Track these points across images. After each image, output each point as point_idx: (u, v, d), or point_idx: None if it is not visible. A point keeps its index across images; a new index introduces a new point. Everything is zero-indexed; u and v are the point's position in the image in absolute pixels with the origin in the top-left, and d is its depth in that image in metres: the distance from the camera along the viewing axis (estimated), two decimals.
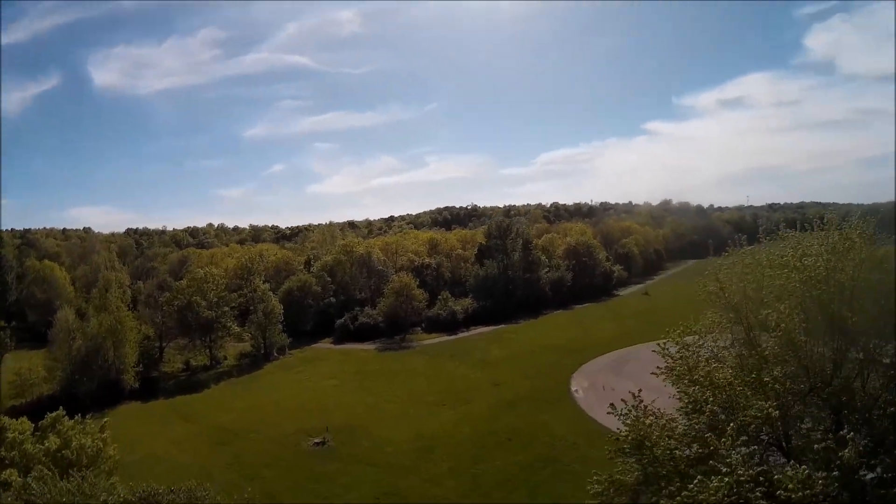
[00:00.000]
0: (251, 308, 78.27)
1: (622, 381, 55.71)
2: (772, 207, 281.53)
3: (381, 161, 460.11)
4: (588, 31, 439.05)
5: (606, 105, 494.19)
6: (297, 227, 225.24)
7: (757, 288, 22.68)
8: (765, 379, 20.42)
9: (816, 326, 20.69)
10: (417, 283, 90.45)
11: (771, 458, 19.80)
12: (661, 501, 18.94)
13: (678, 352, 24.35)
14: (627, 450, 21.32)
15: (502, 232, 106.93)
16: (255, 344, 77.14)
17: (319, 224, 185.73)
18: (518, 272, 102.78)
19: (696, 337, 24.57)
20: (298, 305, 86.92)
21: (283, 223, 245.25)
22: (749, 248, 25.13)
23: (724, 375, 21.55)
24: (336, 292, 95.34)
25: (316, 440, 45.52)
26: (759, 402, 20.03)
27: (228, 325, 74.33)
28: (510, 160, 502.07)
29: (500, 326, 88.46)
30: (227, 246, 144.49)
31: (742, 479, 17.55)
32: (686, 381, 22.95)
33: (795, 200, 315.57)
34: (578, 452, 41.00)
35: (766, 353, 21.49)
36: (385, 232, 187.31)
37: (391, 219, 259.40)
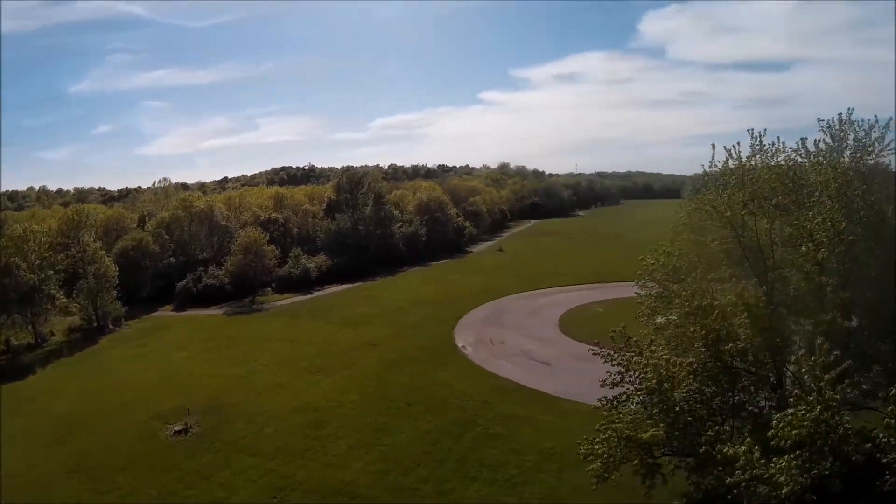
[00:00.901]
0: (80, 272, 63.37)
1: (509, 334, 52.46)
2: (600, 175, 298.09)
3: (214, 122, 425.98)
4: (427, 7, 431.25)
5: (443, 74, 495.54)
6: (127, 188, 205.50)
7: None
8: None
9: None
10: (267, 238, 79.79)
11: None
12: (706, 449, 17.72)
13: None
14: (640, 397, 20.32)
15: (353, 185, 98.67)
16: (86, 315, 62.82)
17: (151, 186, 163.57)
18: (371, 227, 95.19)
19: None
20: (135, 268, 73.06)
21: (112, 186, 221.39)
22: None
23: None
24: (175, 252, 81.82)
25: (176, 427, 34.84)
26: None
27: (53, 293, 58.86)
28: (345, 125, 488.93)
29: (356, 284, 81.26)
30: (50, 209, 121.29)
31: (831, 403, 15.91)
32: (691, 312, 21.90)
33: (622, 170, 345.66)
34: (494, 411, 35.30)
35: None
36: (220, 193, 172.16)
37: (225, 180, 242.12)
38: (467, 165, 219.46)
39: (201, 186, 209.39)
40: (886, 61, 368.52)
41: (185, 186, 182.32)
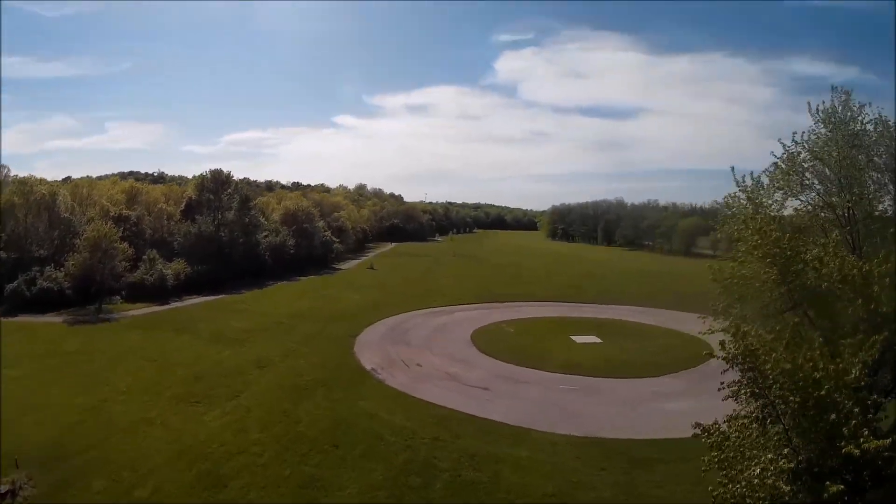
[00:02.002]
0: None
1: (422, 354, 45.75)
2: (450, 204, 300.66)
3: (58, 121, 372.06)
4: (286, 21, 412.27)
5: (299, 94, 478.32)
6: None
7: None
8: None
9: None
10: (119, 235, 64.41)
11: None
12: None
13: None
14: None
15: (218, 184, 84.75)
16: None
17: None
18: (236, 233, 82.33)
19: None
20: None
21: None
22: None
23: None
24: (7, 247, 63.59)
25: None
26: None
27: None
28: (196, 136, 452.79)
29: (220, 296, 68.73)
30: None
31: None
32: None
33: (471, 201, 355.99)
34: (453, 450, 26.90)
35: None
36: None
37: (69, 179, 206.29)
38: (322, 184, 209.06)
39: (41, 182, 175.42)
40: (719, 114, 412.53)
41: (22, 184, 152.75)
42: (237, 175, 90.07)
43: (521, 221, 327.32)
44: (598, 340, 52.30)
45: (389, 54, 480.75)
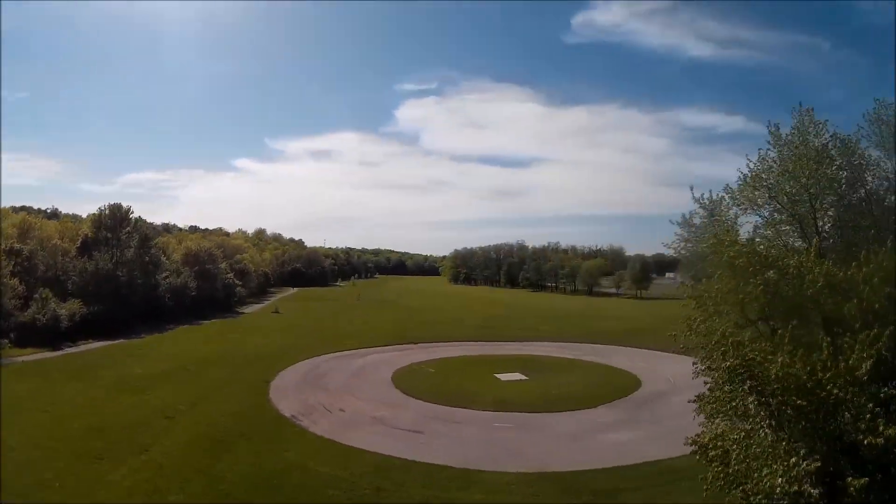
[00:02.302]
0: None
1: (343, 399, 42.76)
2: (351, 250, 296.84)
3: None
4: (187, 61, 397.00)
5: (199, 137, 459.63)
6: None
7: None
8: None
9: None
10: (10, 270, 56.74)
11: None
12: None
13: None
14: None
15: (117, 221, 77.88)
16: None
17: None
18: (136, 273, 75.86)
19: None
20: None
21: None
22: None
23: None
24: None
25: None
26: None
27: None
28: (90, 175, 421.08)
29: (119, 340, 62.51)
30: None
31: None
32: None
33: (371, 247, 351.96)
34: (402, 498, 24.25)
35: None
36: None
37: None
38: (221, 228, 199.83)
39: None
40: (613, 163, 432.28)
41: None
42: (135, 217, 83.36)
43: (422, 266, 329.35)
44: (524, 377, 51.06)
45: (292, 98, 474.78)
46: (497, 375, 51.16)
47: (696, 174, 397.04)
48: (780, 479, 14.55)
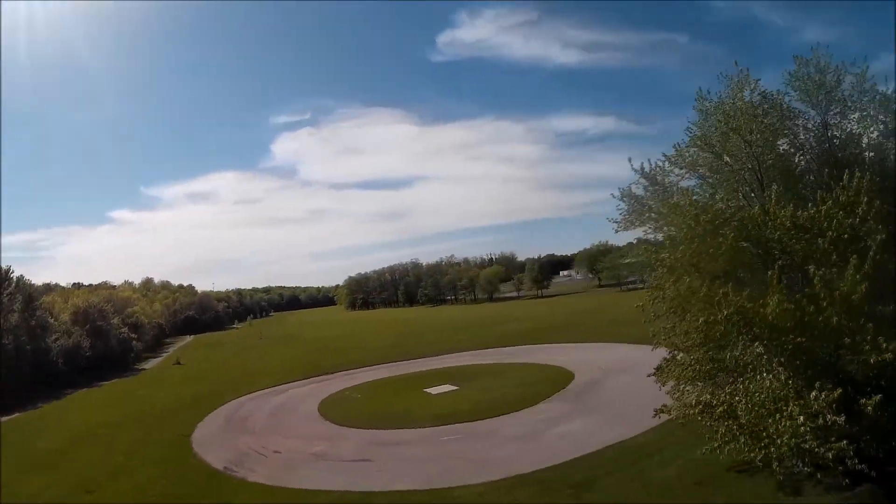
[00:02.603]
0: None
1: (273, 439, 39.61)
2: (241, 290, 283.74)
3: None
4: (49, 111, 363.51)
5: (71, 191, 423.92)
6: None
7: None
8: None
9: None
10: None
11: None
12: None
13: None
14: None
15: None
16: None
17: None
18: (22, 339, 67.80)
19: None
20: None
21: None
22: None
23: None
24: None
25: None
26: None
27: None
28: None
29: (14, 415, 55.34)
30: None
31: None
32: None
33: (261, 285, 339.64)
34: None
35: None
36: None
37: None
38: (106, 282, 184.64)
39: None
40: (492, 174, 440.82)
41: None
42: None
43: (316, 298, 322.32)
44: (455, 387, 49.85)
45: (165, 142, 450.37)
46: (427, 390, 49.66)
47: (575, 175, 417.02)
48: (801, 418, 14.36)
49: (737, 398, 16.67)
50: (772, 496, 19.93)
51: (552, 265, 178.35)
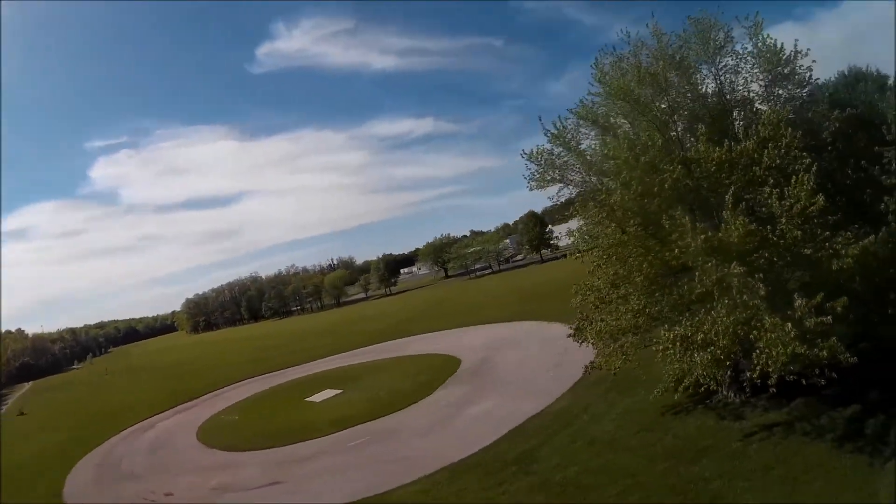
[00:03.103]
0: None
1: (162, 480, 33.90)
2: (73, 331, 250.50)
3: None
4: None
5: None
6: None
7: None
8: None
9: None
10: None
11: None
12: None
13: None
14: None
15: None
16: None
17: None
18: None
19: None
20: None
21: None
22: None
23: None
24: None
25: None
26: None
27: None
28: None
29: None
30: None
31: None
32: None
33: (93, 321, 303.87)
34: None
35: None
36: None
37: None
38: None
39: None
40: (317, 184, 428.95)
41: None
42: None
43: (154, 328, 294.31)
44: (338, 391, 46.99)
45: None
46: (309, 399, 46.46)
47: (402, 177, 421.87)
48: (788, 324, 14.66)
49: (705, 326, 16.78)
50: (717, 426, 20.48)
51: (395, 263, 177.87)
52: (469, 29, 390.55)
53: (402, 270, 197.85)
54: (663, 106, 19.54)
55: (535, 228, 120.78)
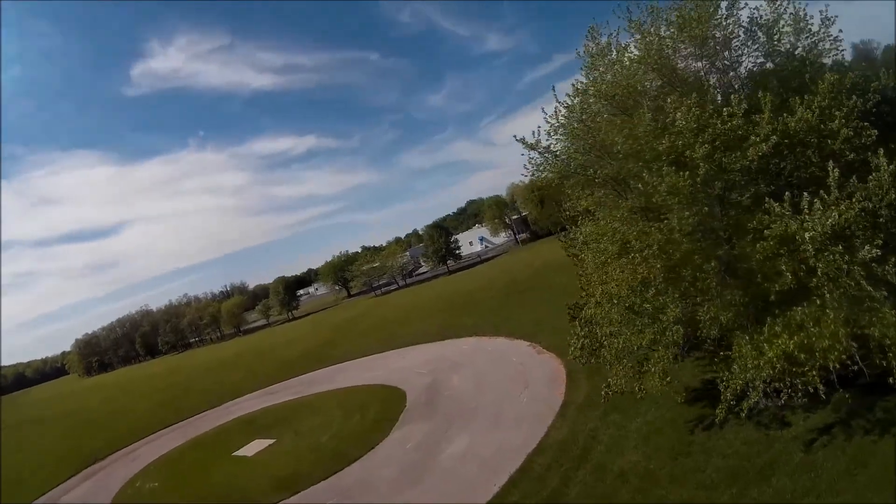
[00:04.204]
0: None
1: None
2: None
3: None
4: None
5: None
6: None
7: None
8: None
9: None
10: None
11: None
12: None
13: None
14: None
15: None
16: None
17: None
18: None
19: None
20: None
21: None
22: None
23: None
24: None
25: None
26: None
27: None
28: None
29: None
30: None
31: None
32: None
33: None
34: None
35: None
36: None
37: None
38: None
39: None
40: (198, 206, 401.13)
41: None
42: None
43: (44, 372, 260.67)
44: (270, 441, 41.00)
45: None
46: (238, 454, 40.17)
47: (284, 196, 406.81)
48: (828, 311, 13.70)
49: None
50: (764, 438, 18.04)
51: (294, 285, 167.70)
52: (344, 43, 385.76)
53: (298, 292, 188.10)
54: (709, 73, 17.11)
55: (439, 239, 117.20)
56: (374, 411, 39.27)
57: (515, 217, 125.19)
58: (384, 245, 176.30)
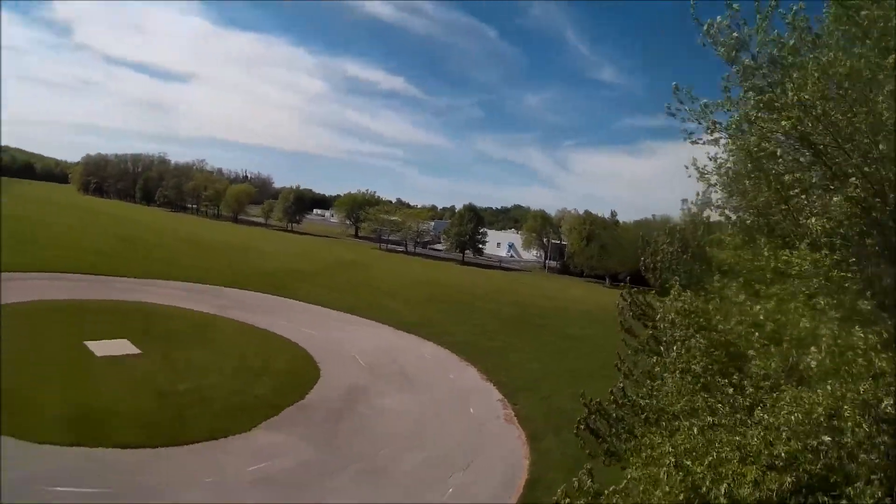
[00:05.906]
0: None
1: None
2: None
3: None
4: None
5: None
6: None
7: None
8: None
9: None
10: None
11: None
12: None
13: None
14: None
15: None
16: None
17: None
18: None
19: None
20: None
21: None
22: None
23: None
24: None
25: None
26: None
27: None
28: None
29: None
30: None
31: None
32: None
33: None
34: None
35: None
36: None
37: None
38: None
39: None
40: (271, 96, 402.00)
41: None
42: None
43: (52, 173, 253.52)
44: (136, 351, 30.49)
45: None
46: (90, 344, 30.16)
47: (350, 121, 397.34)
48: None
49: None
50: None
51: (308, 201, 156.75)
52: (470, 6, 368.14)
53: (314, 210, 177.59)
54: None
55: (468, 223, 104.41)
56: (266, 382, 28.87)
57: (555, 241, 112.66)
58: (418, 207, 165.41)
